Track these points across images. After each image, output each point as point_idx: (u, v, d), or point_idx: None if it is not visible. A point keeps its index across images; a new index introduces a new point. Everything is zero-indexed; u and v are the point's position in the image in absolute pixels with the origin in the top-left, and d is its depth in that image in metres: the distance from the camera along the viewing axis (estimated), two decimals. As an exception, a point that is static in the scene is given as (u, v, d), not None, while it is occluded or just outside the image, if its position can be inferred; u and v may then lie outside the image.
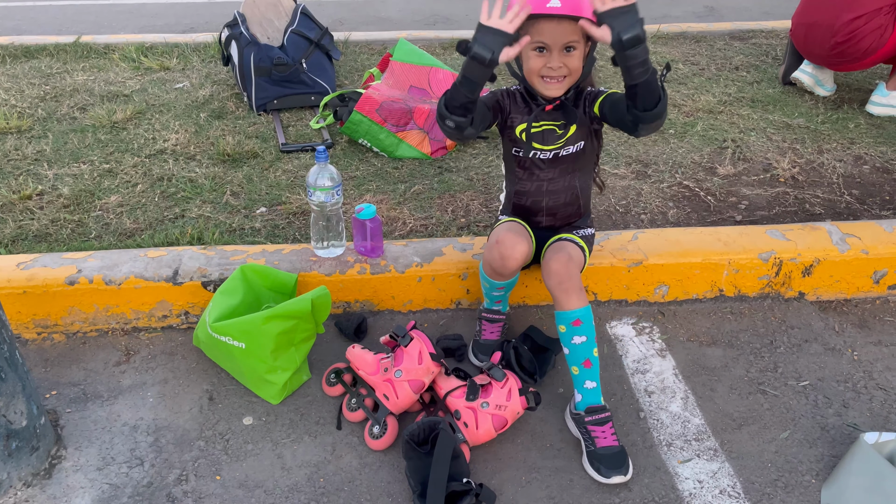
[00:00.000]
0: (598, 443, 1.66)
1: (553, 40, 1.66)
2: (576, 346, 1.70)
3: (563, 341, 1.73)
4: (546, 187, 1.88)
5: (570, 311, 1.69)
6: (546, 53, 1.68)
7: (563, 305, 1.70)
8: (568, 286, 1.70)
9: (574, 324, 1.69)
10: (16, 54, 3.93)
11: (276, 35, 3.39)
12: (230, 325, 1.79)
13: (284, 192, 2.57)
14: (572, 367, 1.73)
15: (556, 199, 1.90)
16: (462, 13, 5.32)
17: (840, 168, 2.78)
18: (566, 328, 1.71)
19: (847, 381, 1.92)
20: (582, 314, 1.69)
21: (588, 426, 1.68)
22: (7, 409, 1.52)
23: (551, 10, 1.62)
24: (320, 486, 1.61)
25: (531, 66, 1.72)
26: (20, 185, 2.59)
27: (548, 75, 1.71)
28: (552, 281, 1.72)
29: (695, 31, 4.41)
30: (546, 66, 1.69)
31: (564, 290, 1.70)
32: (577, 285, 1.71)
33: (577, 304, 1.69)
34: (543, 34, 1.66)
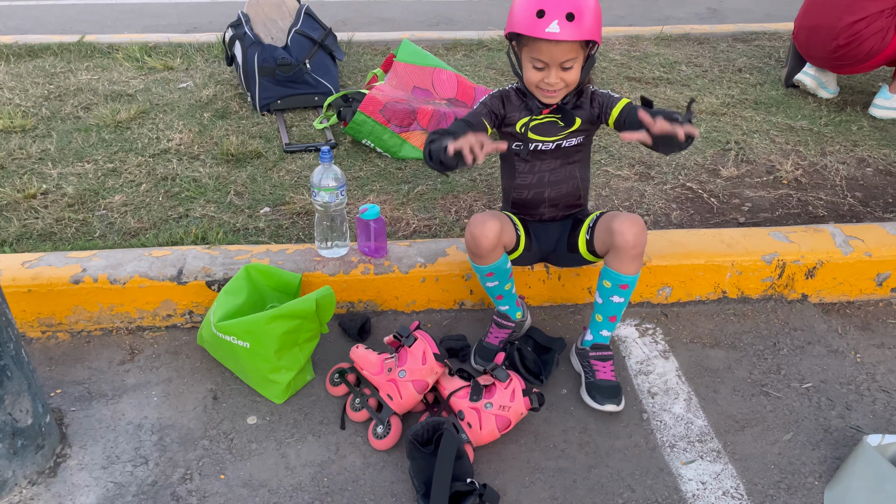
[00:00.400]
0: (598, 375, 1.84)
1: (551, 59, 1.70)
2: (611, 303, 1.82)
3: (601, 293, 1.83)
4: (548, 178, 1.91)
5: (625, 275, 1.78)
6: (544, 69, 1.73)
7: (622, 268, 1.77)
8: (635, 253, 1.76)
9: (622, 287, 1.79)
10: (20, 53, 3.94)
11: (279, 35, 3.39)
12: (234, 325, 1.79)
13: (288, 192, 2.57)
14: (597, 314, 1.86)
15: (559, 189, 1.93)
16: (465, 14, 5.32)
17: (843, 170, 2.78)
18: (611, 285, 1.80)
19: (850, 384, 1.92)
20: (632, 281, 1.79)
21: (591, 360, 1.86)
22: (13, 408, 1.53)
23: (550, 37, 1.65)
24: (324, 486, 1.62)
25: (529, 77, 1.77)
26: (25, 184, 2.60)
27: (545, 89, 1.76)
28: (625, 243, 1.74)
29: (698, 32, 4.41)
30: (544, 81, 1.74)
31: (633, 256, 1.76)
32: (641, 254, 1.78)
33: (633, 271, 1.78)
34: (542, 53, 1.70)
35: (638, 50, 4.10)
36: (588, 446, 1.73)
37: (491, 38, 4.24)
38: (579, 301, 2.20)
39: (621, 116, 1.81)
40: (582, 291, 2.18)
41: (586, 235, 1.89)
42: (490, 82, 3.59)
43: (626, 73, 3.74)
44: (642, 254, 1.78)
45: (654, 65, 3.85)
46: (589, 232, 1.89)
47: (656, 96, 3.43)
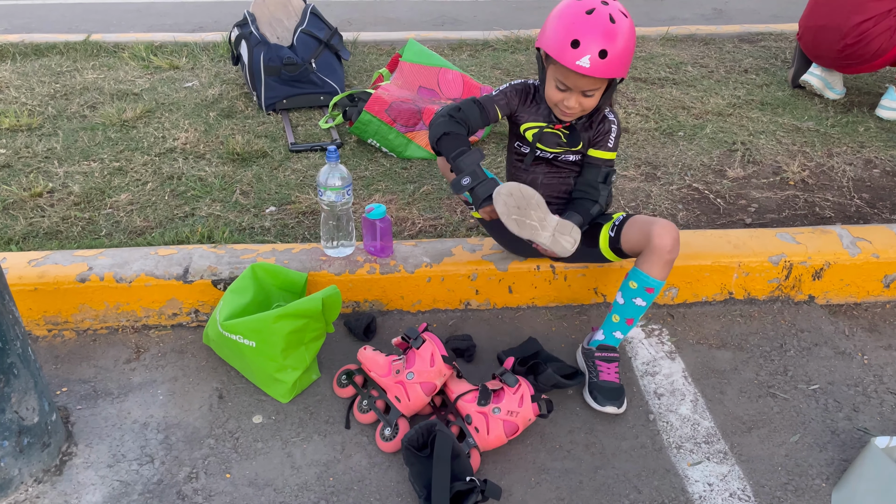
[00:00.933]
0: (601, 376, 1.83)
1: (574, 86, 1.74)
2: (633, 304, 1.83)
3: (624, 293, 1.84)
4: (541, 180, 1.96)
5: (654, 278, 1.79)
6: (566, 91, 1.76)
7: (653, 272, 1.79)
8: (670, 259, 1.78)
9: (648, 290, 1.81)
10: (26, 52, 3.94)
11: (285, 35, 3.39)
12: (240, 324, 1.79)
13: (294, 191, 2.57)
14: (615, 314, 1.87)
15: (550, 190, 1.96)
16: (470, 14, 5.32)
17: (850, 171, 2.77)
18: (637, 286, 1.81)
19: (857, 385, 1.92)
20: (659, 287, 1.81)
21: (596, 360, 1.85)
22: (19, 406, 1.53)
23: (579, 70, 1.67)
24: (330, 485, 1.62)
25: (550, 94, 1.81)
26: (31, 182, 2.60)
27: (563, 109, 1.79)
28: (663, 246, 1.76)
29: (703, 33, 4.40)
30: (563, 103, 1.77)
31: (667, 261, 1.78)
32: (673, 262, 1.81)
33: (663, 276, 1.80)
34: (567, 79, 1.73)
35: (644, 50, 4.09)
36: (594, 447, 1.73)
37: (496, 39, 4.24)
38: (585, 301, 2.19)
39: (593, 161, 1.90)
40: (588, 292, 2.18)
41: (610, 233, 1.90)
42: (495, 82, 3.58)
43: (632, 73, 3.73)
44: (673, 262, 1.80)
45: (659, 65, 3.85)
46: (614, 230, 1.89)
47: (662, 97, 3.42)
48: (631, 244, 1.86)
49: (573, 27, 1.65)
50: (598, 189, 1.89)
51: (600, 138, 1.88)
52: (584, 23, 1.65)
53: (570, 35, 1.65)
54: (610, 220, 1.93)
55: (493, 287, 2.13)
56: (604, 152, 1.90)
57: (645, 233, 1.80)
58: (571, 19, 1.67)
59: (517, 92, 1.89)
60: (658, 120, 3.19)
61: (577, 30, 1.65)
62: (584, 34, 1.64)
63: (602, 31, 1.64)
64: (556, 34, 1.68)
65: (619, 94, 3.46)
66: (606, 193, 1.90)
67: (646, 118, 3.20)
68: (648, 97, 3.42)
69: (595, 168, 1.90)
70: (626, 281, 1.84)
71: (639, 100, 3.40)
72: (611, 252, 1.92)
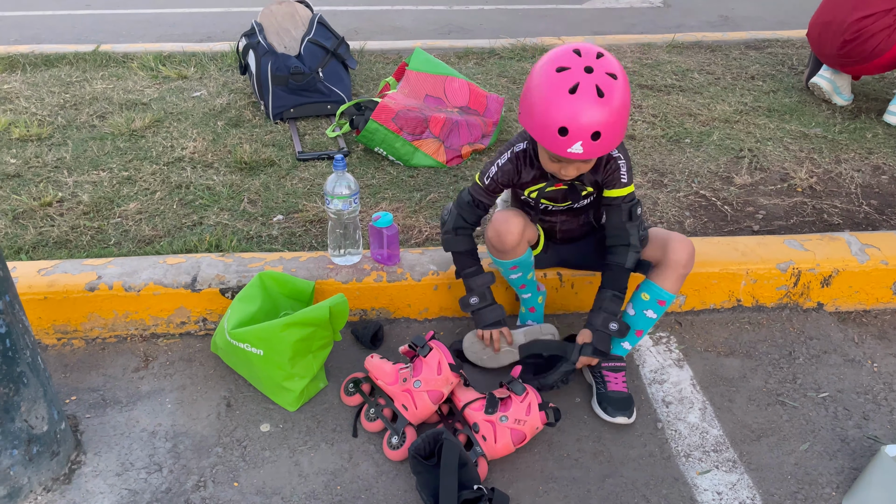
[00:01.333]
0: (609, 386, 1.82)
1: (569, 162, 1.63)
2: (643, 316, 1.82)
3: (636, 305, 1.83)
4: (559, 226, 1.96)
5: (667, 291, 1.78)
6: (561, 162, 1.65)
7: (666, 285, 1.78)
8: (684, 273, 1.78)
9: (660, 303, 1.80)
10: (36, 63, 3.98)
11: (292, 44, 3.41)
12: (248, 332, 1.80)
13: (301, 199, 2.58)
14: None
15: (570, 232, 1.98)
16: (476, 23, 5.34)
17: (858, 178, 2.76)
18: (650, 298, 1.80)
19: (867, 393, 1.90)
20: (670, 300, 1.80)
21: (603, 371, 1.84)
22: (28, 414, 1.54)
23: (572, 157, 1.56)
24: (337, 494, 1.61)
25: (545, 164, 1.71)
26: (41, 192, 2.62)
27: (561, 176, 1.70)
28: (678, 260, 1.76)
29: (710, 40, 4.40)
30: (560, 173, 1.68)
31: (681, 275, 1.78)
32: (685, 277, 1.80)
33: (675, 290, 1.79)
34: (561, 158, 1.62)
35: (650, 58, 4.10)
36: (602, 455, 1.72)
37: (502, 47, 4.25)
38: (592, 309, 2.19)
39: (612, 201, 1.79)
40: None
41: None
42: (502, 90, 3.59)
43: (639, 80, 3.74)
44: (686, 276, 1.80)
45: (666, 72, 3.85)
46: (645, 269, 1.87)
47: (668, 104, 3.42)
48: (646, 257, 1.85)
49: (558, 111, 1.50)
50: (627, 230, 1.78)
51: (611, 179, 1.77)
52: (569, 107, 1.49)
53: (556, 122, 1.50)
54: None
55: (500, 295, 2.13)
56: (619, 190, 1.77)
57: (661, 246, 1.79)
58: (555, 103, 1.50)
59: (508, 173, 1.79)
60: (665, 127, 3.18)
61: (562, 116, 1.49)
62: (570, 120, 1.49)
63: (591, 113, 1.49)
64: (539, 119, 1.54)
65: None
66: (636, 231, 1.79)
67: (652, 125, 3.20)
68: (655, 104, 3.42)
69: (616, 209, 1.79)
70: (637, 293, 1.84)
71: (645, 107, 3.40)
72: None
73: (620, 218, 1.79)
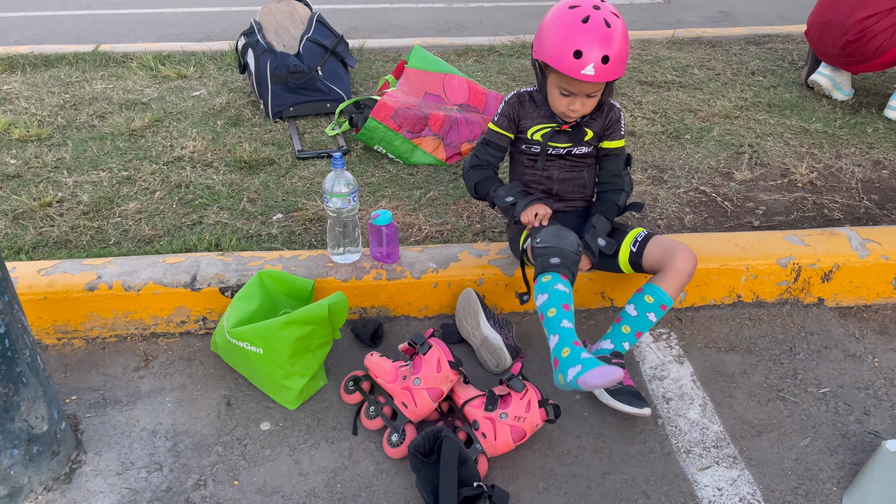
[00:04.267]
0: (624, 381, 1.83)
1: (579, 91, 1.81)
2: (645, 318, 1.85)
3: (638, 306, 1.86)
4: (556, 175, 2.01)
5: (669, 296, 1.84)
6: (570, 96, 1.83)
7: (670, 290, 1.84)
8: (686, 282, 1.86)
9: (662, 307, 1.84)
10: (35, 63, 3.98)
11: (291, 43, 3.41)
12: (248, 331, 1.80)
13: (301, 198, 2.58)
14: (625, 325, 1.87)
15: (566, 185, 2.02)
16: (475, 20, 5.33)
17: (858, 173, 2.76)
18: (653, 301, 1.84)
19: (868, 388, 1.90)
20: (671, 304, 1.86)
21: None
22: (28, 414, 1.54)
23: (585, 78, 1.74)
24: (337, 492, 1.62)
25: (554, 102, 1.88)
26: (40, 192, 2.63)
27: (569, 113, 1.87)
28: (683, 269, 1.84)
29: (710, 35, 4.40)
30: (569, 108, 1.85)
31: (682, 283, 1.85)
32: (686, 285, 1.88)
33: (677, 296, 1.86)
34: (572, 86, 1.80)
35: (650, 54, 4.09)
36: (602, 452, 1.72)
37: (502, 44, 4.25)
38: (592, 306, 2.19)
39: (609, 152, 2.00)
40: (595, 296, 2.17)
41: (631, 247, 1.94)
42: (501, 87, 3.59)
43: (639, 77, 3.73)
44: (685, 285, 1.88)
45: (666, 69, 3.84)
46: (636, 245, 1.93)
47: (668, 100, 3.42)
48: (651, 262, 1.90)
49: (572, 37, 1.72)
50: (622, 176, 2.00)
51: (611, 129, 1.97)
52: (582, 32, 1.72)
53: (571, 46, 1.72)
54: (630, 234, 1.95)
55: (500, 292, 2.13)
56: (617, 142, 1.99)
57: (668, 254, 1.87)
58: (569, 29, 1.73)
59: (513, 106, 1.97)
60: (665, 123, 3.18)
61: (576, 40, 1.72)
62: (584, 44, 1.71)
63: (601, 38, 1.72)
64: (555, 46, 1.75)
65: (626, 98, 3.46)
66: (628, 179, 2.01)
67: (652, 121, 3.20)
68: (655, 100, 3.42)
69: (614, 158, 2.01)
70: (640, 295, 1.86)
71: (645, 103, 3.39)
72: (628, 265, 1.95)
73: (618, 166, 2.01)
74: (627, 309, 1.87)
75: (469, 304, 2.01)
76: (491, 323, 1.97)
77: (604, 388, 1.82)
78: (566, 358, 1.65)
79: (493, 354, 1.93)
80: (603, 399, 1.81)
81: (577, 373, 1.61)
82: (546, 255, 1.78)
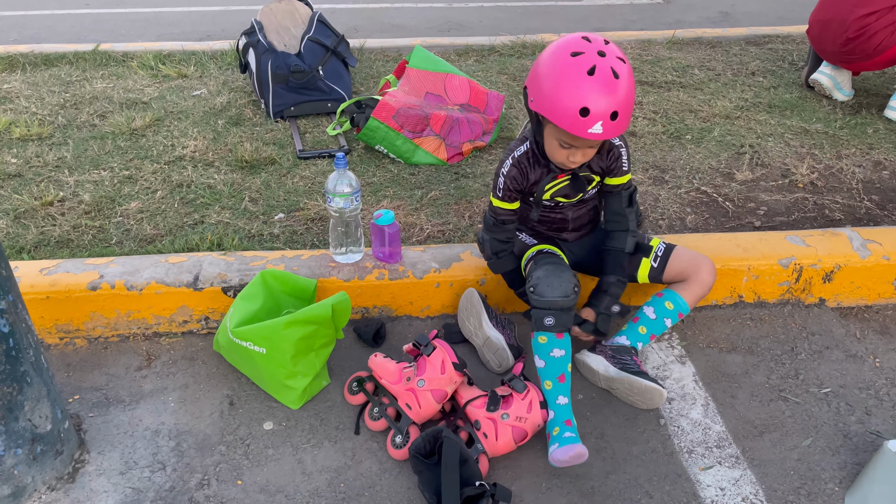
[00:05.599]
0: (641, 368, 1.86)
1: (582, 145, 1.66)
2: (662, 323, 1.90)
3: (658, 311, 1.90)
4: (570, 215, 1.96)
5: (687, 304, 1.89)
6: (570, 149, 1.68)
7: (690, 300, 1.89)
8: (704, 294, 1.91)
9: (679, 315, 1.89)
10: (36, 62, 3.98)
11: (292, 42, 3.41)
12: (250, 331, 1.80)
13: (302, 198, 2.58)
14: (642, 326, 1.91)
15: (580, 220, 1.99)
16: (476, 20, 5.33)
17: (859, 173, 2.76)
18: (673, 308, 1.89)
19: (869, 388, 1.91)
20: (687, 313, 1.91)
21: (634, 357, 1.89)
22: (32, 414, 1.54)
23: (592, 137, 1.58)
24: (341, 492, 1.62)
25: (551, 152, 1.72)
26: (42, 191, 2.62)
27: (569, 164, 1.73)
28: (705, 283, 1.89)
29: (710, 36, 4.40)
30: (568, 160, 1.70)
31: (701, 296, 1.90)
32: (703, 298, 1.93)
33: (693, 306, 1.91)
34: (574, 141, 1.64)
35: (650, 54, 4.09)
36: (605, 452, 1.72)
37: (502, 44, 4.25)
38: (594, 306, 2.19)
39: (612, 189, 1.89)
40: (597, 296, 2.18)
41: (652, 263, 1.94)
42: (502, 87, 3.59)
43: (639, 77, 3.73)
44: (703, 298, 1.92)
45: (666, 69, 3.85)
46: (657, 261, 1.93)
47: (669, 100, 3.42)
48: (673, 275, 1.93)
49: (578, 94, 1.53)
50: (626, 215, 1.90)
51: (614, 166, 1.83)
52: (589, 87, 1.52)
53: (577, 103, 1.53)
54: (649, 250, 1.95)
55: (503, 292, 2.13)
56: (620, 178, 1.87)
57: (693, 266, 1.90)
58: (575, 84, 1.53)
59: (514, 179, 1.81)
60: (665, 123, 3.18)
61: (583, 96, 1.52)
62: (591, 100, 1.52)
63: (609, 92, 1.53)
64: (558, 101, 1.56)
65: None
66: (634, 215, 1.92)
67: (653, 122, 3.20)
68: (655, 101, 3.42)
69: (616, 196, 1.90)
70: (661, 300, 1.89)
71: (646, 103, 3.39)
72: (646, 279, 1.97)
73: (621, 204, 1.90)
74: (646, 311, 1.90)
75: (471, 304, 2.01)
76: (493, 323, 1.98)
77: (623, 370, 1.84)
78: (556, 436, 1.67)
79: (496, 354, 1.94)
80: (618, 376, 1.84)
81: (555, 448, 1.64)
82: (540, 312, 1.73)
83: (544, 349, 1.74)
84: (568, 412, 1.70)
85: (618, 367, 1.85)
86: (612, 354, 1.89)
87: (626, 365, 1.85)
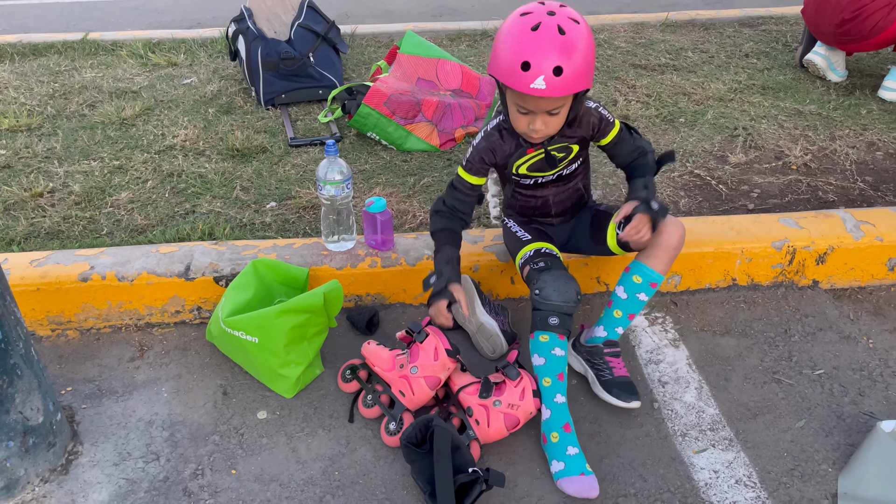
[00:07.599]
0: (615, 372, 1.80)
1: (535, 108, 1.62)
2: (636, 300, 1.81)
3: (628, 289, 1.81)
4: (552, 199, 1.92)
5: (658, 273, 1.78)
6: (528, 114, 1.64)
7: (657, 267, 1.78)
8: (674, 255, 1.79)
9: (652, 285, 1.79)
10: (24, 52, 3.94)
11: (283, 29, 3.38)
12: (243, 320, 1.79)
13: (294, 186, 2.57)
14: (616, 309, 1.83)
15: (563, 203, 1.95)
16: (468, 4, 5.29)
17: (853, 154, 2.76)
18: (642, 281, 1.79)
19: (863, 370, 1.91)
20: (661, 281, 1.80)
21: (607, 357, 1.83)
22: (23, 406, 1.53)
23: (534, 93, 1.54)
24: (335, 479, 1.62)
25: (514, 121, 1.69)
26: (31, 182, 2.61)
27: (531, 133, 1.68)
28: (669, 243, 1.77)
29: (704, 18, 4.37)
30: (529, 128, 1.66)
31: (671, 257, 1.78)
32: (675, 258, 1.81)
33: (665, 271, 1.80)
34: (526, 103, 1.61)
35: (643, 37, 4.07)
36: (599, 436, 1.72)
37: (494, 28, 4.22)
38: (588, 291, 2.19)
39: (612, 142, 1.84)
40: (591, 281, 2.17)
41: (618, 229, 1.84)
42: (495, 72, 3.56)
43: (632, 60, 3.71)
44: (675, 258, 1.80)
45: (659, 52, 3.82)
46: (621, 226, 1.83)
47: (662, 83, 3.40)
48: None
49: (520, 48, 1.52)
50: (637, 145, 1.86)
51: (597, 129, 1.79)
52: (530, 41, 1.52)
53: (519, 57, 1.52)
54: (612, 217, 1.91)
55: (496, 278, 2.13)
56: (612, 132, 1.82)
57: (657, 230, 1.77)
58: (517, 39, 1.53)
59: (483, 151, 1.79)
60: (659, 107, 3.17)
61: (524, 50, 1.52)
62: (532, 54, 1.51)
63: (552, 47, 1.51)
64: (504, 58, 1.55)
65: (619, 82, 3.44)
66: (642, 140, 1.88)
67: (646, 105, 3.18)
68: (649, 84, 3.40)
69: (619, 143, 1.84)
70: (628, 275, 1.81)
71: (639, 87, 3.38)
72: (617, 247, 1.89)
73: (629, 146, 1.86)
74: (617, 291, 1.83)
75: (465, 291, 2.01)
76: (487, 309, 1.97)
77: (597, 380, 1.81)
78: (554, 444, 1.64)
79: (490, 340, 1.93)
80: (595, 390, 1.82)
81: (559, 471, 1.61)
82: (545, 313, 1.69)
83: (545, 347, 1.71)
84: (566, 414, 1.68)
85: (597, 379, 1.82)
86: (587, 357, 1.86)
87: (599, 372, 1.82)
